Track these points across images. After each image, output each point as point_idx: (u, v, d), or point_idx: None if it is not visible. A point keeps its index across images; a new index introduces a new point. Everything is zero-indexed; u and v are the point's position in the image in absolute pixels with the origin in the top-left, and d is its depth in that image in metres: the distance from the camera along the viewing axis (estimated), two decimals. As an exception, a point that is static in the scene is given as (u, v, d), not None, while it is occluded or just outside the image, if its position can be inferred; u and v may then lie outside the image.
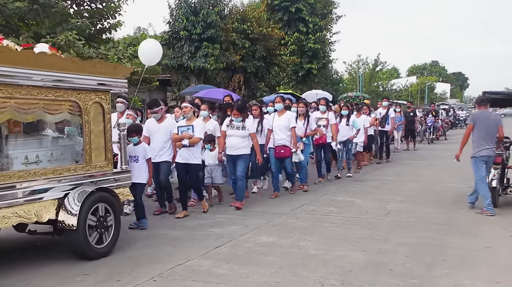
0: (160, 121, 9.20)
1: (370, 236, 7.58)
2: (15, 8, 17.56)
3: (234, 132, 9.66)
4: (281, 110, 11.01)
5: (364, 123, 14.81)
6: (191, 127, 8.97)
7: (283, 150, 10.77)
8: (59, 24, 18.40)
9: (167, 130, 9.15)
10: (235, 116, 9.57)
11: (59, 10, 18.40)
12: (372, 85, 52.10)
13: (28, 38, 17.69)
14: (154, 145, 9.00)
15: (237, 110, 9.57)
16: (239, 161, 9.66)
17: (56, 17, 18.41)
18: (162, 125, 9.18)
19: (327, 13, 35.56)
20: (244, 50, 24.88)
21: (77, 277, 5.87)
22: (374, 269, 6.05)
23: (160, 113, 9.16)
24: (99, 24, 21.24)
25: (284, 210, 9.44)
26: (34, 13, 17.94)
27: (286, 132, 10.80)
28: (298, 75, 33.38)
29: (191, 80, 23.99)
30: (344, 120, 13.74)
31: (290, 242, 7.24)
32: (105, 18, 21.03)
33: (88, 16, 20.61)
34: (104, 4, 20.52)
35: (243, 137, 9.62)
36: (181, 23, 23.33)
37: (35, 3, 17.60)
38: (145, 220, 8.24)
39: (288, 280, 5.68)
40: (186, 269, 6.08)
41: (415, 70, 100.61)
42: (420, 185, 12.37)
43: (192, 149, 8.99)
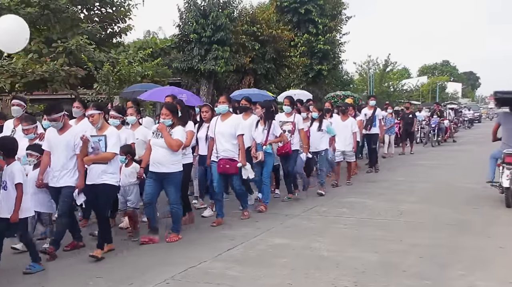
0: (61, 132, 6.92)
1: (383, 237, 7.55)
2: (26, 13, 17.68)
3: (158, 142, 7.45)
4: (225, 113, 8.79)
5: (352, 127, 12.46)
6: (103, 139, 6.93)
7: (228, 165, 8.50)
8: (70, 29, 18.55)
9: (69, 144, 6.87)
10: (163, 116, 7.49)
11: (70, 15, 18.54)
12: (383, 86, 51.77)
13: (39, 43, 17.86)
14: (54, 163, 6.93)
15: (167, 108, 7.52)
16: (169, 183, 7.49)
17: (67, 22, 18.55)
18: (64, 138, 6.89)
19: (336, 14, 35.44)
20: (254, 52, 24.85)
21: (90, 280, 5.90)
22: (387, 270, 6.03)
23: (60, 121, 6.85)
24: (110, 28, 21.41)
25: (296, 212, 9.42)
26: (45, 19, 18.10)
27: (231, 141, 8.60)
28: (308, 77, 33.30)
29: (201, 83, 24.03)
30: (315, 124, 11.26)
31: (302, 243, 7.23)
32: (115, 22, 21.19)
33: (98, 20, 20.77)
34: (114, 8, 20.67)
35: (168, 148, 7.42)
36: (191, 26, 23.36)
37: (46, 8, 17.76)
38: (36, 264, 6.34)
39: (300, 281, 5.68)
40: (198, 272, 6.09)
41: (426, 70, 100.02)
42: (432, 185, 12.30)
43: (104, 166, 6.88)
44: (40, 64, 17.06)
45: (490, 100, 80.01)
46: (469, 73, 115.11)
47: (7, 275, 6.14)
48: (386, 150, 19.03)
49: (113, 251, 7.08)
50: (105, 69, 16.66)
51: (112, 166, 6.96)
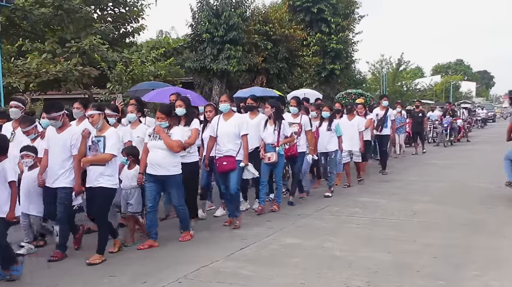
0: (60, 131, 6.82)
1: (396, 237, 7.51)
2: (40, 14, 17.86)
3: (156, 144, 7.23)
4: (227, 112, 8.44)
5: (358, 126, 12.23)
6: (102, 140, 6.72)
7: (226, 161, 8.18)
8: (83, 29, 18.66)
9: (66, 144, 6.75)
10: (160, 120, 7.25)
11: (83, 15, 18.66)
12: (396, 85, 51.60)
13: (53, 43, 17.99)
14: (51, 163, 6.82)
15: (161, 111, 7.27)
16: (170, 186, 7.35)
17: (80, 22, 18.67)
18: (61, 137, 6.79)
19: (349, 13, 35.34)
20: (267, 52, 24.83)
21: (104, 278, 5.93)
22: (400, 270, 5.99)
23: (59, 120, 6.74)
24: (123, 28, 21.53)
25: (308, 211, 9.40)
26: (59, 19, 18.23)
27: (234, 141, 8.27)
28: (321, 76, 33.25)
29: (214, 82, 24.06)
30: (325, 124, 11.02)
31: (315, 243, 7.21)
32: (128, 22, 21.31)
33: (111, 20, 20.89)
34: (127, 8, 20.77)
35: (166, 150, 7.20)
36: (204, 25, 23.39)
37: (60, 9, 17.88)
38: (17, 266, 6.01)
39: (313, 281, 5.66)
40: (211, 271, 6.09)
41: (439, 69, 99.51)
42: (445, 185, 12.22)
43: (102, 168, 6.67)
44: (54, 64, 17.20)
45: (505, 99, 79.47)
46: (483, 72, 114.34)
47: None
48: (398, 150, 18.88)
49: (127, 250, 7.11)
50: (118, 69, 16.76)
51: (110, 168, 6.71)
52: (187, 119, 8.11)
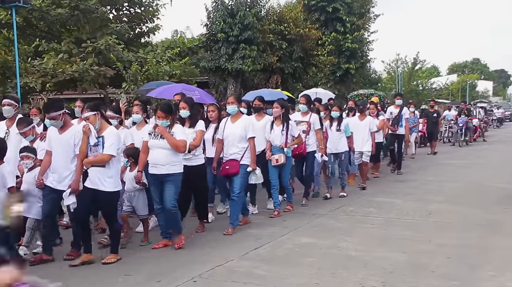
0: (62, 131, 6.67)
1: (411, 237, 7.47)
2: (57, 14, 18.03)
3: (157, 143, 7.01)
4: (235, 114, 8.22)
5: (370, 126, 12.01)
6: (101, 140, 6.48)
7: (229, 165, 7.99)
8: (99, 29, 18.81)
9: (69, 143, 6.62)
10: (160, 119, 7.02)
11: (99, 15, 18.82)
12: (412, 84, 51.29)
13: (69, 43, 18.14)
14: (55, 164, 6.66)
15: (162, 111, 7.02)
16: (168, 183, 7.01)
17: (96, 22, 18.82)
18: (64, 137, 6.65)
19: (364, 12, 35.22)
20: (281, 51, 24.83)
21: (119, 277, 5.98)
22: (416, 270, 5.97)
23: (60, 119, 6.58)
24: (138, 28, 21.67)
25: (323, 211, 9.39)
26: (75, 19, 18.39)
27: (241, 144, 8.06)
28: (336, 76, 33.17)
29: (229, 82, 24.11)
30: (335, 124, 10.79)
31: (330, 243, 7.20)
32: (143, 22, 21.44)
33: (127, 20, 21.04)
34: (142, 8, 20.90)
35: (167, 149, 6.96)
36: (218, 25, 23.45)
37: (76, 9, 18.03)
38: None
39: (328, 281, 5.65)
40: (225, 270, 6.11)
41: (455, 68, 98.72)
42: (461, 185, 12.13)
43: (103, 169, 6.45)
44: (70, 64, 17.35)
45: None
46: (500, 71, 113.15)
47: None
48: (414, 150, 18.66)
49: (142, 249, 7.15)
50: (133, 69, 16.86)
51: (111, 169, 6.49)
52: (192, 121, 7.91)
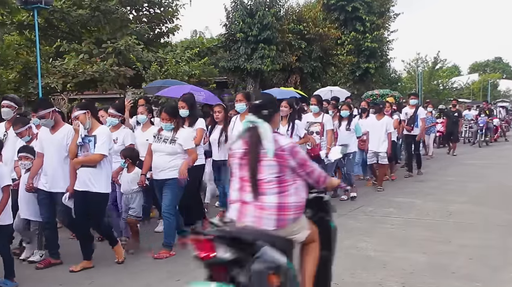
0: (53, 131, 6.42)
1: (431, 237, 7.41)
2: (77, 15, 18.21)
3: (160, 147, 6.77)
4: (244, 113, 7.82)
5: (387, 126, 11.58)
6: (93, 139, 6.24)
7: None
8: (119, 30, 18.95)
9: (61, 143, 6.37)
10: (164, 121, 6.77)
11: (119, 16, 18.95)
12: (432, 84, 50.92)
13: (90, 44, 18.31)
14: (47, 165, 6.39)
15: (166, 113, 6.77)
16: (165, 188, 6.75)
17: (116, 23, 18.97)
18: (55, 137, 6.39)
19: (384, 11, 35.01)
20: (301, 51, 24.79)
21: (138, 276, 6.00)
22: (436, 271, 5.91)
23: (49, 118, 6.32)
24: (157, 28, 21.79)
25: (342, 211, 9.33)
26: (96, 20, 18.55)
27: None
28: (355, 75, 33.02)
29: (248, 81, 24.13)
30: (344, 123, 10.60)
31: (349, 243, 7.15)
32: (163, 23, 21.55)
33: (146, 21, 21.17)
34: (162, 9, 21.01)
35: (172, 154, 6.72)
36: (238, 25, 23.50)
37: (97, 10, 18.19)
38: (8, 281, 5.79)
39: (347, 281, 5.63)
40: (244, 270, 6.09)
41: (477, 68, 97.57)
42: (483, 186, 11.99)
43: (93, 170, 6.20)
44: (90, 64, 17.50)
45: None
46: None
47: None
48: (431, 151, 18.27)
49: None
50: (153, 69, 16.95)
51: (102, 170, 6.25)
52: (191, 119, 7.72)
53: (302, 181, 3.96)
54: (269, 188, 3.81)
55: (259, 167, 3.82)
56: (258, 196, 3.80)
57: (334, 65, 28.63)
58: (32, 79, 17.48)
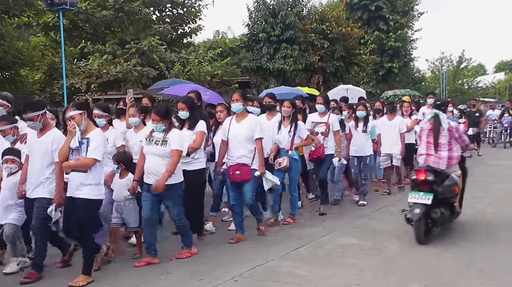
0: (40, 134, 6.02)
1: (458, 237, 7.33)
2: (102, 16, 18.40)
3: (151, 149, 6.39)
4: (241, 113, 7.46)
5: (399, 127, 10.96)
6: (86, 142, 5.80)
7: (239, 171, 7.21)
8: (143, 30, 19.11)
9: (47, 148, 5.94)
10: (155, 122, 6.37)
11: (143, 16, 19.12)
12: (456, 83, 50.40)
13: (113, 44, 18.49)
14: (30, 170, 6.01)
15: (156, 113, 6.36)
16: (165, 200, 6.47)
17: (139, 23, 19.14)
18: (42, 141, 5.99)
19: (408, 10, 34.75)
20: (323, 51, 24.74)
21: (162, 275, 6.03)
22: (462, 270, 5.84)
23: (38, 120, 5.93)
24: (180, 29, 21.93)
25: (365, 212, 9.28)
26: (119, 21, 18.73)
27: (248, 146, 7.29)
28: (378, 75, 32.84)
29: (270, 81, 24.13)
30: (360, 125, 10.06)
31: (372, 244, 7.11)
32: (186, 23, 21.68)
33: (169, 21, 21.31)
34: (185, 9, 21.12)
35: (164, 156, 6.31)
36: (260, 25, 23.53)
37: (121, 11, 18.37)
38: None
39: (369, 282, 5.59)
40: (266, 270, 6.10)
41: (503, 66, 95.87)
42: (509, 187, 11.80)
43: (85, 175, 5.76)
44: (114, 65, 17.68)
45: None
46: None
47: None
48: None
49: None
50: (176, 69, 17.05)
51: (93, 175, 5.79)
52: (191, 122, 7.23)
53: (459, 145, 7.43)
54: (443, 147, 7.28)
55: (438, 136, 7.29)
56: (437, 151, 7.27)
57: (357, 65, 28.49)
58: (57, 80, 17.71)
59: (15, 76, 16.84)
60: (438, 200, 7.01)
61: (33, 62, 17.16)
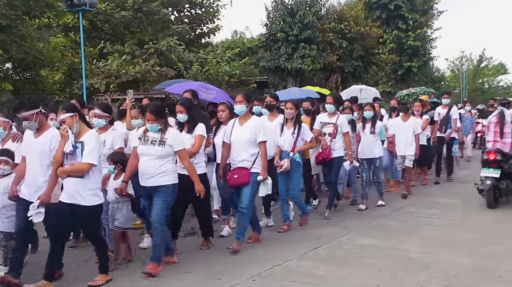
0: (37, 135, 5.77)
1: (477, 240, 7.24)
2: (121, 17, 18.56)
3: (147, 150, 6.03)
4: (244, 115, 7.11)
5: (414, 127, 10.62)
6: (80, 146, 5.52)
7: (237, 174, 6.88)
8: (161, 31, 19.23)
9: (45, 149, 5.68)
10: (150, 122, 6.02)
11: (161, 17, 19.24)
12: (477, 83, 49.89)
13: (132, 45, 18.62)
14: (29, 172, 5.75)
15: (151, 113, 6.00)
16: (156, 196, 6.03)
17: (158, 24, 19.25)
18: (39, 141, 5.73)
19: (427, 9, 34.52)
20: (342, 50, 24.67)
21: (180, 275, 6.05)
22: (481, 274, 5.77)
23: (33, 120, 5.68)
24: (199, 29, 22.03)
25: (384, 212, 9.22)
26: (138, 21, 18.88)
27: (250, 150, 6.92)
28: (397, 74, 32.65)
29: (288, 81, 24.12)
30: (368, 126, 9.76)
31: (390, 244, 7.06)
32: (204, 23, 21.78)
33: (188, 21, 21.42)
34: (203, 9, 21.21)
35: (162, 157, 5.98)
36: (278, 25, 23.54)
37: (139, 11, 18.50)
38: None
39: (388, 283, 5.55)
40: (284, 270, 6.09)
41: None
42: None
43: (82, 181, 5.50)
44: (133, 65, 17.81)
45: None
46: None
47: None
48: (470, 153, 17.12)
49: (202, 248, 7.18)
50: (194, 69, 17.12)
51: (90, 180, 5.55)
52: (190, 125, 6.82)
53: None
54: (507, 135, 9.44)
55: (503, 127, 9.48)
56: (502, 138, 9.46)
57: (376, 64, 28.36)
58: (77, 80, 17.90)
59: (35, 77, 17.05)
60: (505, 175, 9.10)
61: (53, 62, 17.36)
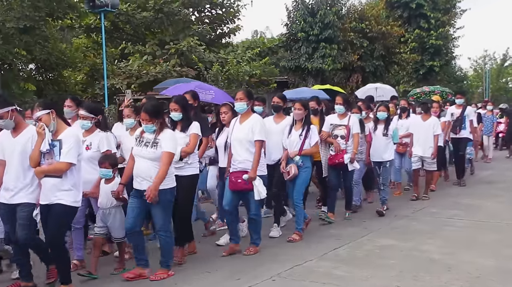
0: (15, 134, 5.48)
1: (500, 241, 7.14)
2: (142, 18, 18.72)
3: (141, 151, 5.81)
4: (245, 113, 6.82)
5: (434, 128, 10.24)
6: (58, 144, 5.29)
7: (240, 179, 6.56)
8: (182, 31, 19.35)
9: (25, 149, 5.40)
10: (145, 122, 5.80)
11: (182, 17, 19.37)
12: (500, 82, 49.24)
13: (153, 45, 18.75)
14: (8, 174, 5.45)
15: (146, 113, 5.75)
16: (152, 206, 5.78)
17: (179, 24, 19.38)
18: (18, 141, 5.45)
19: (450, 8, 34.15)
20: (362, 50, 24.52)
21: (199, 274, 6.06)
22: (504, 276, 5.69)
23: (8, 118, 5.35)
24: (219, 29, 22.12)
25: (405, 213, 9.14)
26: (159, 22, 19.02)
27: (251, 149, 6.61)
28: (418, 74, 32.37)
29: (308, 81, 24.04)
30: (380, 127, 9.33)
31: (411, 245, 7.00)
32: (224, 23, 21.87)
33: (208, 22, 21.53)
34: (224, 9, 21.29)
35: (154, 160, 5.74)
36: (299, 24, 23.49)
37: (160, 12, 18.64)
38: None
39: (409, 284, 5.50)
40: (304, 270, 6.07)
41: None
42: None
43: (59, 181, 5.27)
44: (154, 65, 17.93)
45: None
46: None
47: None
48: (489, 154, 16.73)
49: (219, 249, 7.16)
50: (214, 69, 17.16)
51: (68, 180, 5.30)
52: (184, 123, 6.56)
53: None
54: None
55: None
56: None
57: (397, 64, 28.13)
58: (98, 81, 18.08)
59: (58, 77, 17.28)
60: None
61: (76, 63, 17.56)
